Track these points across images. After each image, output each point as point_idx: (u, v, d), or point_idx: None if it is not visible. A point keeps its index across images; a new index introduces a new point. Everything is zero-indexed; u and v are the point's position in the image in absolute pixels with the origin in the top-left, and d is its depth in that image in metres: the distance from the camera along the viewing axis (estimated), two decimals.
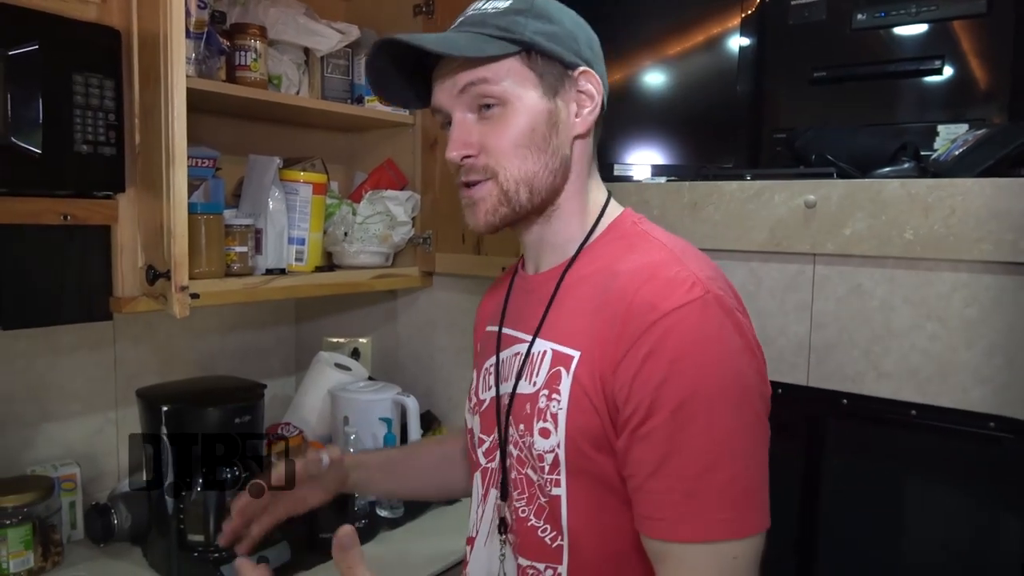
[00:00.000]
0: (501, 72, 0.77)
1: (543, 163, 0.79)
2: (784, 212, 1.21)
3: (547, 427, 0.75)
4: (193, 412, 1.19)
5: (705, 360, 0.67)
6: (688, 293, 0.69)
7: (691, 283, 0.70)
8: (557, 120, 0.79)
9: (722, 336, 0.69)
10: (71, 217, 1.10)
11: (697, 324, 0.68)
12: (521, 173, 0.78)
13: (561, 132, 0.80)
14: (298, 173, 1.48)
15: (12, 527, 1.16)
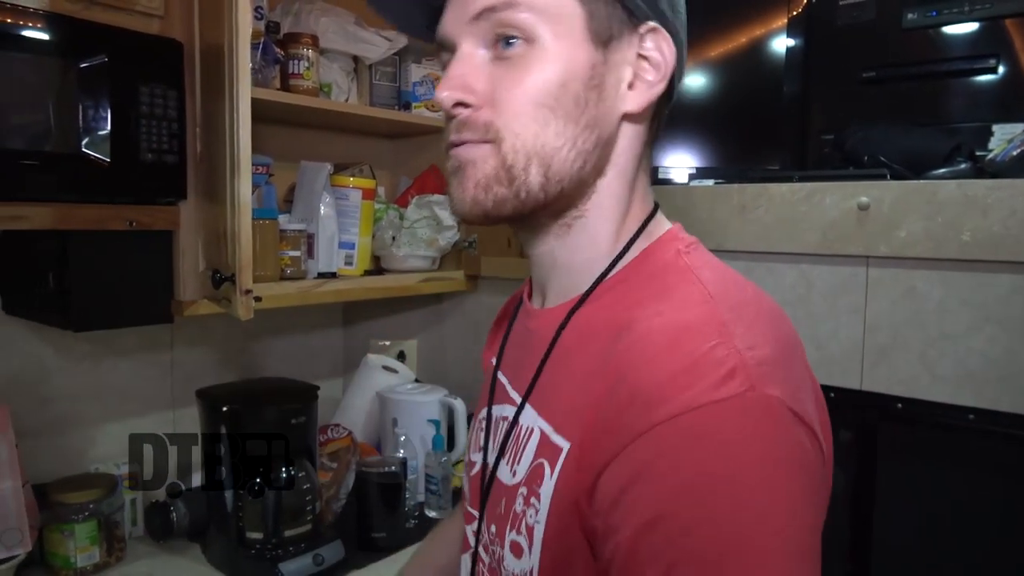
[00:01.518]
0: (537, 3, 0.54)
1: (569, 137, 0.55)
2: (836, 214, 1.20)
3: (520, 542, 0.54)
4: (252, 412, 1.22)
5: (728, 504, 0.43)
6: (718, 387, 0.44)
7: (729, 368, 0.45)
8: (603, 82, 0.56)
9: (766, 465, 0.44)
10: (136, 223, 1.13)
11: (723, 441, 0.44)
12: (536, 144, 0.55)
13: (605, 100, 0.56)
14: (348, 179, 1.51)
15: (80, 523, 1.20)
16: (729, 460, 0.43)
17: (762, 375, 0.45)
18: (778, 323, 0.52)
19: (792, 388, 0.47)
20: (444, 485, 1.47)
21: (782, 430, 0.45)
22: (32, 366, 1.32)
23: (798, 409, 0.46)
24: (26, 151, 1.00)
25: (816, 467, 0.47)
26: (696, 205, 1.36)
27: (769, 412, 0.45)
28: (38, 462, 1.30)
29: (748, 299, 0.53)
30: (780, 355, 0.48)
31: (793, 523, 0.44)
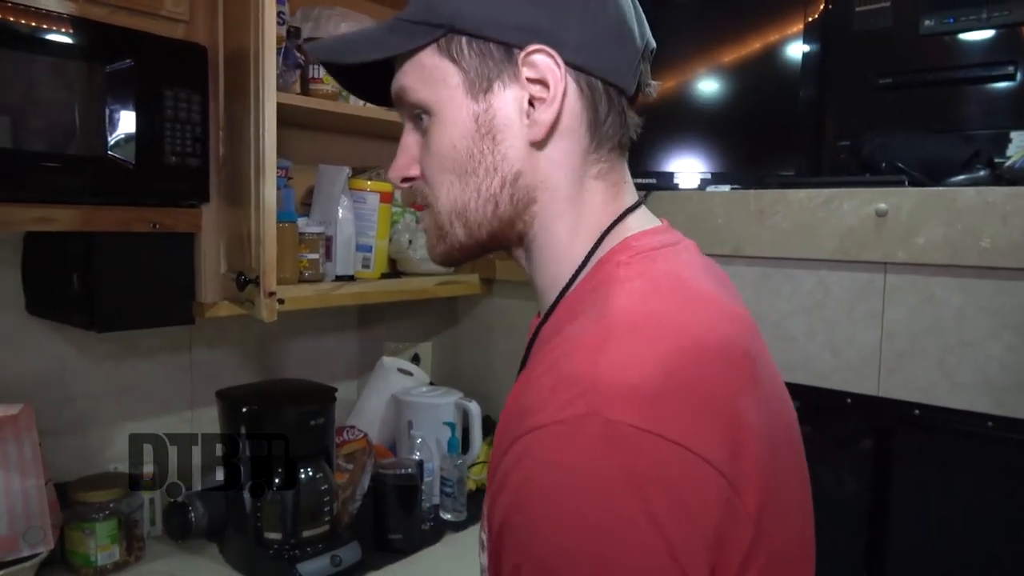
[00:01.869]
0: (422, 72, 0.58)
1: (474, 188, 0.59)
2: (854, 221, 1.21)
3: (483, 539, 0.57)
4: (271, 413, 1.23)
5: (547, 525, 0.44)
6: (563, 406, 0.45)
7: (579, 390, 0.45)
8: (492, 126, 0.58)
9: (592, 492, 0.43)
10: (159, 225, 1.15)
11: (554, 463, 0.44)
12: (449, 203, 0.60)
13: (504, 140, 0.58)
14: (365, 182, 1.52)
15: (100, 521, 1.21)
16: (551, 481, 0.44)
17: (616, 396, 0.45)
18: (692, 339, 0.50)
19: (665, 409, 0.45)
20: (459, 487, 1.47)
21: (616, 457, 0.43)
22: (55, 366, 1.34)
23: (664, 431, 0.44)
24: (54, 153, 1.02)
25: (683, 491, 0.44)
26: (712, 211, 1.37)
27: (603, 436, 0.44)
28: (59, 461, 1.31)
29: (655, 312, 0.52)
30: (669, 373, 0.46)
31: (618, 555, 0.43)
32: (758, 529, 0.47)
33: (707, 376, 0.48)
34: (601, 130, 0.60)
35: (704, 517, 0.44)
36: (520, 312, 1.71)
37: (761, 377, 0.53)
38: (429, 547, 1.36)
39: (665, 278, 0.56)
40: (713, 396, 0.48)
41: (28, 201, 1.01)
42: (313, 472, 1.25)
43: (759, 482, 0.47)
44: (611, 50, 0.58)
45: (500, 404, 1.68)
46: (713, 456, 0.45)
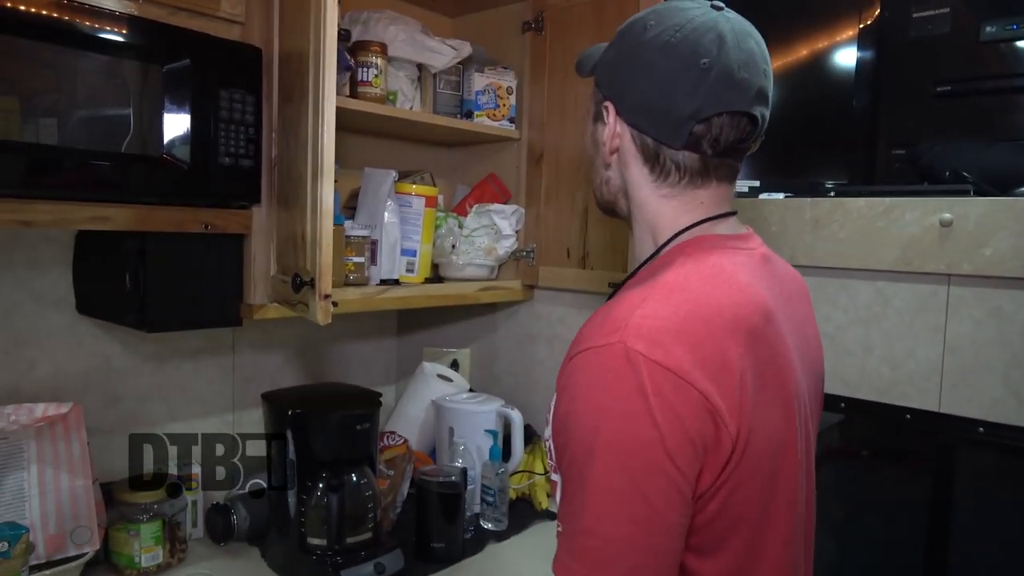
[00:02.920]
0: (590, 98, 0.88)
1: (595, 175, 0.88)
2: (917, 230, 1.17)
3: (547, 417, 0.78)
4: (317, 417, 1.22)
5: (586, 411, 0.66)
6: (603, 337, 0.67)
7: (615, 327, 0.66)
8: (596, 142, 0.85)
9: (612, 392, 0.65)
10: (211, 226, 1.14)
11: (590, 370, 0.66)
12: (591, 181, 0.90)
13: (599, 154, 0.85)
14: (411, 186, 1.51)
15: (145, 523, 1.21)
16: (592, 382, 0.66)
17: (638, 334, 0.65)
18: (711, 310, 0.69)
19: (669, 348, 0.65)
20: (501, 496, 1.45)
21: (636, 370, 0.64)
22: (101, 365, 1.34)
23: (663, 361, 0.64)
24: (111, 152, 1.02)
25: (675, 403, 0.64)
26: (765, 219, 1.34)
27: (629, 357, 0.64)
28: (105, 460, 1.31)
29: (689, 286, 0.71)
30: (678, 327, 0.66)
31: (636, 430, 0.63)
32: (741, 450, 0.66)
33: (708, 334, 0.67)
34: (658, 167, 0.80)
35: (689, 424, 0.64)
36: (563, 320, 1.68)
37: (759, 348, 0.70)
38: (471, 556, 1.34)
39: (710, 267, 0.74)
40: (709, 345, 0.67)
41: (85, 199, 1.01)
42: (358, 478, 1.24)
43: (739, 417, 0.66)
44: (652, 116, 0.78)
45: (540, 414, 1.68)
46: (699, 384, 0.64)
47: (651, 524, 0.64)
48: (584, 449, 0.65)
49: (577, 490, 0.66)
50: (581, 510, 0.65)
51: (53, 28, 0.94)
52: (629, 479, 0.63)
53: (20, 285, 1.24)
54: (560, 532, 0.68)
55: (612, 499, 0.64)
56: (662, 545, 0.65)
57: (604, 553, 0.64)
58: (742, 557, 0.71)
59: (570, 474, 0.67)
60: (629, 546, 0.64)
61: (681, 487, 0.64)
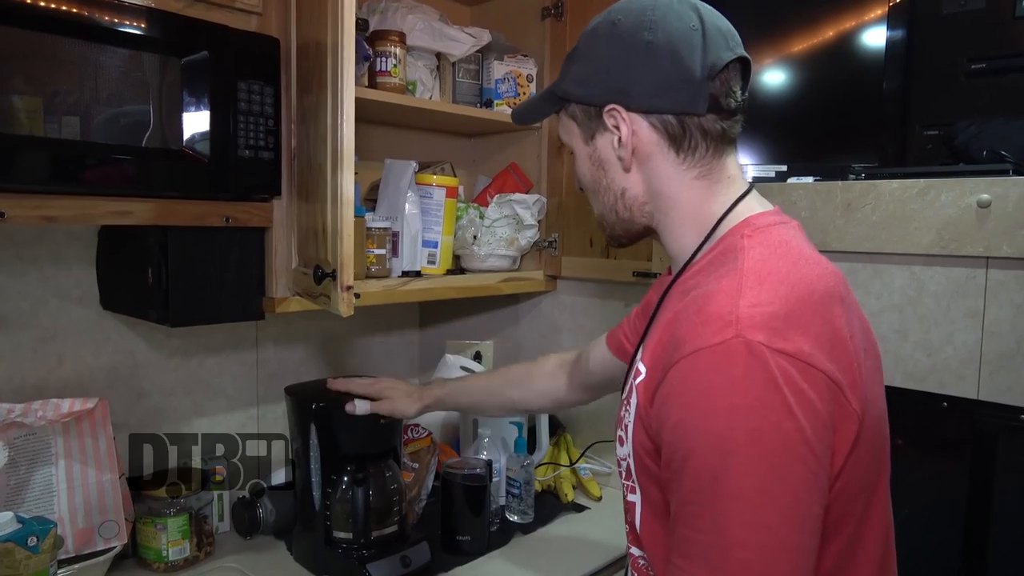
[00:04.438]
0: (562, 127, 0.87)
1: (603, 203, 0.84)
2: (953, 212, 1.13)
3: (622, 436, 0.76)
4: (341, 411, 1.21)
5: (713, 412, 0.62)
6: (715, 334, 0.63)
7: (725, 323, 0.64)
8: (600, 161, 0.82)
9: (742, 389, 0.61)
10: (232, 219, 1.14)
11: (712, 372, 0.63)
12: (596, 212, 0.87)
13: (608, 171, 0.82)
14: (431, 177, 1.50)
15: (172, 517, 1.21)
16: (719, 382, 0.62)
17: (752, 325, 0.63)
18: (804, 287, 0.68)
19: (787, 334, 0.63)
20: (526, 489, 1.44)
21: (763, 363, 0.61)
22: (126, 360, 1.34)
23: (786, 348, 0.62)
24: (133, 147, 1.01)
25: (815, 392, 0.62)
26: (795, 203, 1.31)
27: (752, 351, 0.62)
28: (131, 456, 1.32)
29: (775, 269, 0.70)
30: (788, 310, 0.65)
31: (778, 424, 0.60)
32: (862, 424, 0.66)
33: (813, 312, 0.66)
34: (684, 147, 0.78)
35: (822, 408, 0.62)
36: (587, 310, 1.66)
37: (851, 316, 0.71)
38: (497, 549, 1.32)
39: (779, 245, 0.74)
40: (819, 324, 0.66)
41: (107, 195, 1.01)
42: (382, 471, 1.23)
43: (858, 388, 0.66)
44: (669, 92, 0.76)
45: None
46: (821, 364, 0.63)
47: (803, 522, 0.61)
48: (716, 455, 0.61)
49: (711, 502, 0.61)
50: (723, 522, 0.61)
51: (73, 22, 0.94)
52: (775, 476, 0.60)
53: (45, 282, 1.25)
54: (689, 559, 0.63)
55: (761, 502, 0.60)
56: (812, 542, 0.62)
57: (760, 563, 0.60)
58: (854, 533, 0.69)
59: (697, 488, 0.62)
60: (785, 549, 0.60)
61: (820, 477, 0.62)
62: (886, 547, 0.75)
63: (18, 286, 1.22)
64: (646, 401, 0.70)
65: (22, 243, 1.22)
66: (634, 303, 1.59)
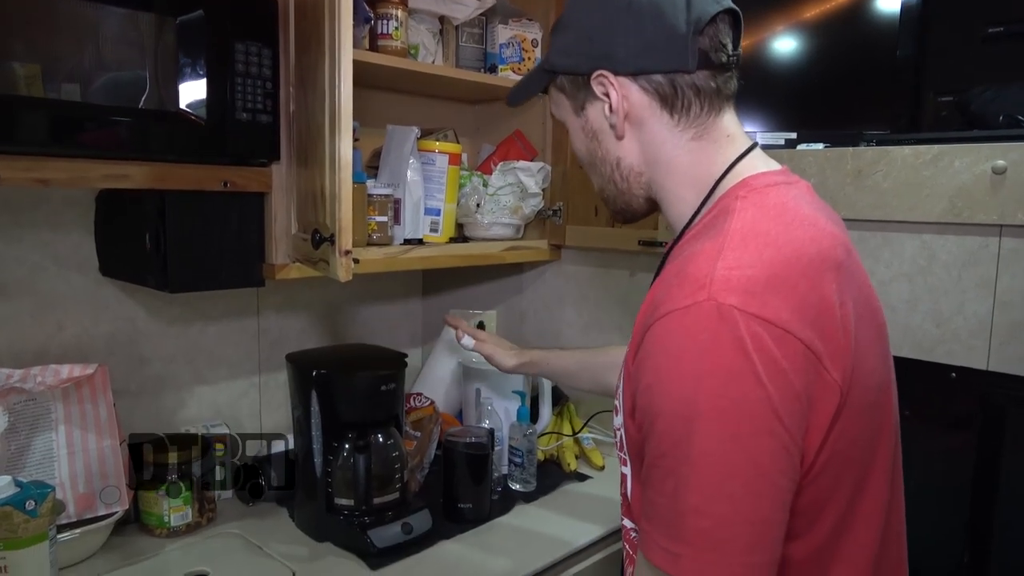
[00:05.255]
0: (553, 102, 0.85)
1: (600, 176, 0.82)
2: (967, 179, 1.11)
3: (617, 405, 0.75)
4: (342, 378, 1.20)
5: (679, 376, 0.60)
6: (687, 296, 0.61)
7: (699, 285, 0.61)
8: (593, 132, 0.80)
9: (709, 353, 0.59)
10: (230, 184, 1.12)
11: (679, 333, 0.61)
12: (596, 187, 0.85)
13: (603, 141, 0.80)
14: (434, 143, 1.48)
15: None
16: (685, 344, 0.60)
17: (726, 288, 0.60)
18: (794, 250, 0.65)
19: (764, 299, 0.60)
20: (529, 458, 1.43)
21: (733, 327, 0.59)
22: (126, 327, 1.34)
23: (761, 313, 0.59)
24: (129, 109, 0.99)
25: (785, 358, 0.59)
26: (804, 171, 1.28)
27: (722, 314, 0.59)
28: (132, 422, 1.31)
29: (764, 231, 0.66)
30: (767, 274, 0.62)
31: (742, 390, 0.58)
32: (844, 397, 0.63)
33: (798, 276, 0.63)
34: (677, 107, 0.75)
35: (796, 379, 0.59)
36: (591, 280, 1.65)
37: (848, 283, 0.67)
38: (499, 517, 1.32)
39: (773, 207, 0.70)
40: (803, 290, 0.62)
41: (103, 157, 0.99)
42: (384, 438, 1.23)
43: (842, 360, 0.62)
44: (656, 51, 0.73)
45: None
46: (799, 332, 0.60)
47: (765, 495, 0.59)
48: (680, 420, 0.59)
49: (673, 468, 0.60)
50: (683, 488, 0.59)
51: None
52: (738, 446, 0.58)
53: (43, 248, 1.23)
54: (650, 520, 0.63)
55: (721, 471, 0.58)
56: (775, 516, 0.60)
57: (717, 532, 0.58)
58: (843, 515, 0.67)
59: (661, 452, 0.61)
60: (743, 520, 0.58)
61: (790, 449, 0.60)
62: (885, 534, 0.72)
63: (15, 252, 1.21)
64: (628, 364, 0.69)
65: (18, 209, 1.20)
66: (640, 272, 1.58)
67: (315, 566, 1.15)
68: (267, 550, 1.19)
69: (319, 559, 1.17)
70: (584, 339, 1.66)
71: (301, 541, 1.22)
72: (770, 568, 0.60)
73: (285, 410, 1.52)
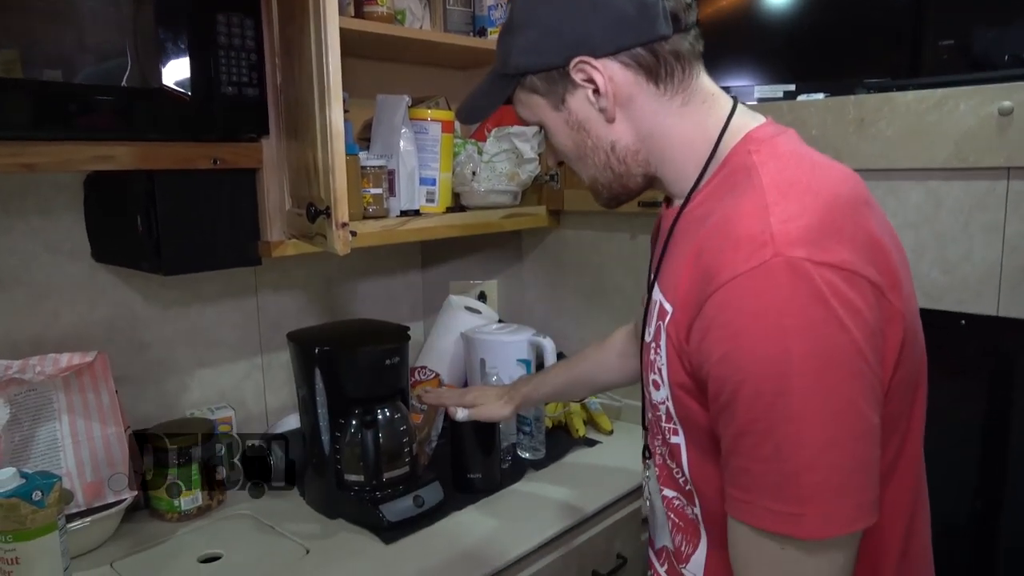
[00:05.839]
0: (523, 105, 0.80)
1: (593, 166, 0.79)
2: (972, 122, 1.08)
3: (657, 380, 0.73)
4: (345, 354, 1.19)
5: (764, 336, 0.59)
6: (751, 257, 0.60)
7: (760, 243, 0.60)
8: (578, 123, 0.77)
9: (790, 308, 0.58)
10: (220, 161, 1.09)
11: (753, 296, 0.60)
12: (586, 179, 0.82)
13: (591, 129, 0.77)
14: (426, 111, 1.44)
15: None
16: (765, 305, 0.59)
17: (790, 241, 0.60)
18: (829, 193, 0.65)
19: (825, 245, 0.60)
20: (536, 426, 1.43)
21: (808, 279, 0.59)
22: (124, 313, 1.32)
23: (828, 259, 0.59)
24: (111, 87, 0.96)
25: (863, 301, 0.60)
26: (805, 121, 1.25)
27: (795, 269, 0.59)
28: (138, 408, 1.30)
29: (796, 179, 0.66)
30: (818, 221, 0.62)
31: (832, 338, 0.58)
32: (905, 323, 0.64)
33: (845, 218, 0.64)
34: (662, 76, 0.73)
35: (870, 316, 0.60)
36: (592, 244, 1.63)
37: (878, 216, 0.69)
38: (510, 486, 1.32)
39: (790, 155, 0.70)
40: (852, 230, 0.63)
41: (88, 139, 0.96)
42: (391, 412, 1.22)
43: (898, 289, 0.64)
44: (630, 25, 0.71)
45: (573, 341, 1.63)
46: (864, 270, 0.61)
47: (866, 435, 0.60)
48: (771, 381, 0.59)
49: (770, 429, 0.59)
50: (787, 448, 0.59)
51: None
52: (836, 394, 0.59)
53: (34, 236, 1.21)
54: (747, 489, 0.62)
55: (824, 421, 0.58)
56: (875, 452, 0.61)
57: (831, 482, 0.59)
58: (903, 434, 0.68)
59: (752, 418, 0.60)
60: (852, 465, 0.59)
61: (875, 387, 0.61)
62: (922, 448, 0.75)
63: (6, 241, 1.18)
64: (680, 339, 0.67)
65: (7, 196, 1.18)
66: (641, 234, 1.56)
67: (329, 543, 1.14)
68: (279, 529, 1.18)
69: (332, 535, 1.17)
70: (587, 304, 1.64)
71: (313, 519, 1.22)
72: (877, 504, 0.61)
73: (289, 390, 1.50)
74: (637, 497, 1.32)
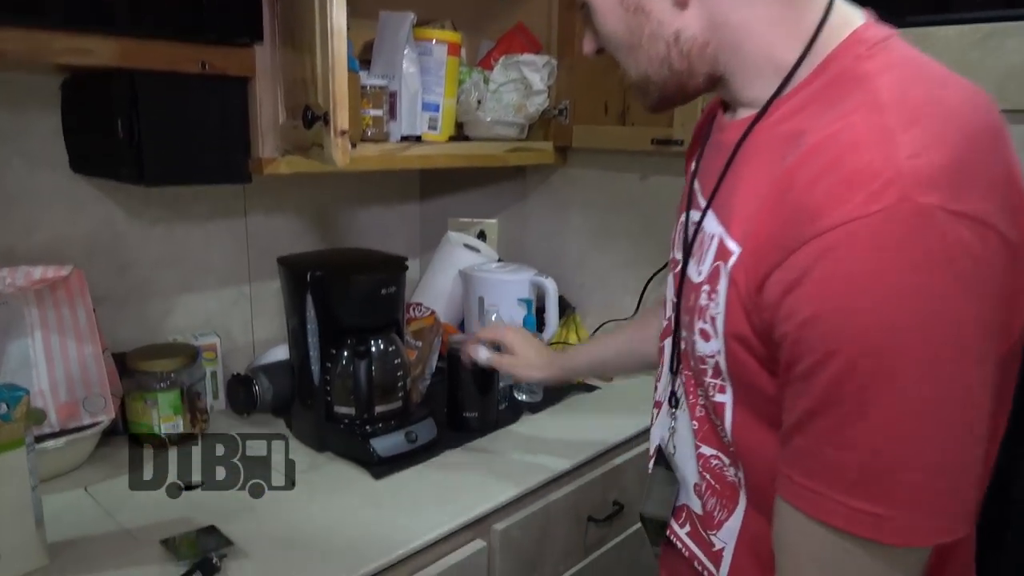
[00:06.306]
0: None
1: (648, 59, 0.65)
2: (1018, 60, 1.01)
3: (707, 329, 0.62)
4: (339, 281, 1.12)
5: (875, 303, 0.47)
6: (870, 200, 0.47)
7: (883, 181, 0.47)
8: (640, 3, 0.63)
9: (917, 270, 0.47)
10: (209, 65, 1.01)
11: (872, 250, 0.47)
12: (635, 74, 0.68)
13: (652, 12, 0.63)
14: (431, 31, 1.36)
15: (162, 391, 1.15)
16: (880, 264, 0.47)
17: (918, 183, 0.47)
18: (966, 119, 0.51)
19: (964, 189, 0.48)
20: None
21: (941, 235, 0.47)
22: (105, 230, 1.24)
23: (966, 209, 0.47)
24: None
25: (984, 262, 0.48)
26: None
27: (926, 218, 0.46)
28: (119, 331, 1.24)
29: (930, 99, 0.52)
30: (954, 156, 0.48)
31: (939, 326, 0.47)
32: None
33: (985, 152, 0.51)
34: None
35: (997, 279, 0.49)
36: (599, 184, 1.56)
37: (1014, 153, 0.54)
38: (506, 427, 1.27)
39: (909, 65, 0.55)
40: (991, 168, 0.50)
41: (62, 28, 0.88)
42: (385, 345, 1.16)
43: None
44: None
45: (575, 284, 1.56)
46: (999, 223, 0.48)
47: (977, 429, 0.49)
48: (877, 356, 0.47)
49: (862, 414, 0.49)
50: (882, 438, 0.48)
51: None
52: (957, 381, 0.48)
53: (7, 142, 1.13)
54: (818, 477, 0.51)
55: (934, 412, 0.48)
56: (983, 448, 0.50)
57: (935, 487, 0.49)
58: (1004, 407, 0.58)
59: (839, 396, 0.49)
60: (958, 465, 0.49)
61: (992, 372, 0.49)
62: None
63: None
64: (751, 288, 0.55)
65: None
66: (652, 175, 1.49)
67: (316, 475, 1.10)
68: None
69: (319, 468, 1.12)
70: (592, 246, 1.58)
71: (299, 451, 1.17)
72: (976, 511, 0.53)
73: (279, 320, 1.44)
74: (636, 444, 1.27)
